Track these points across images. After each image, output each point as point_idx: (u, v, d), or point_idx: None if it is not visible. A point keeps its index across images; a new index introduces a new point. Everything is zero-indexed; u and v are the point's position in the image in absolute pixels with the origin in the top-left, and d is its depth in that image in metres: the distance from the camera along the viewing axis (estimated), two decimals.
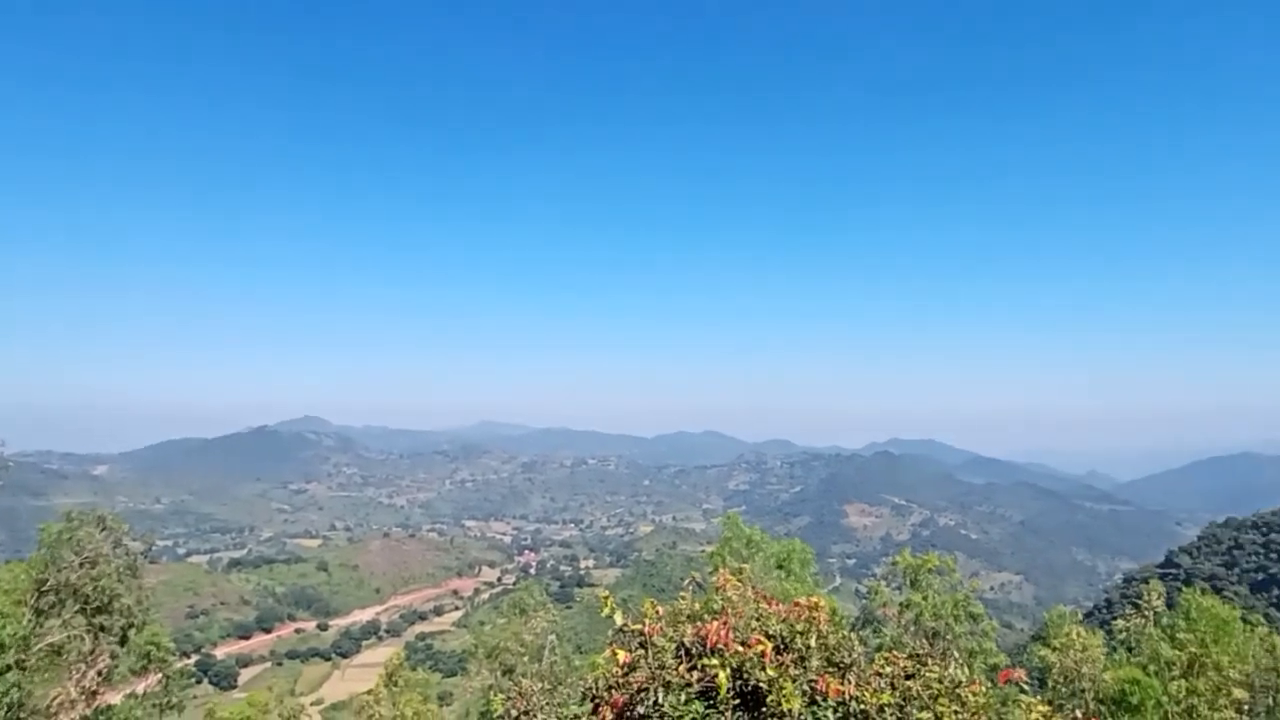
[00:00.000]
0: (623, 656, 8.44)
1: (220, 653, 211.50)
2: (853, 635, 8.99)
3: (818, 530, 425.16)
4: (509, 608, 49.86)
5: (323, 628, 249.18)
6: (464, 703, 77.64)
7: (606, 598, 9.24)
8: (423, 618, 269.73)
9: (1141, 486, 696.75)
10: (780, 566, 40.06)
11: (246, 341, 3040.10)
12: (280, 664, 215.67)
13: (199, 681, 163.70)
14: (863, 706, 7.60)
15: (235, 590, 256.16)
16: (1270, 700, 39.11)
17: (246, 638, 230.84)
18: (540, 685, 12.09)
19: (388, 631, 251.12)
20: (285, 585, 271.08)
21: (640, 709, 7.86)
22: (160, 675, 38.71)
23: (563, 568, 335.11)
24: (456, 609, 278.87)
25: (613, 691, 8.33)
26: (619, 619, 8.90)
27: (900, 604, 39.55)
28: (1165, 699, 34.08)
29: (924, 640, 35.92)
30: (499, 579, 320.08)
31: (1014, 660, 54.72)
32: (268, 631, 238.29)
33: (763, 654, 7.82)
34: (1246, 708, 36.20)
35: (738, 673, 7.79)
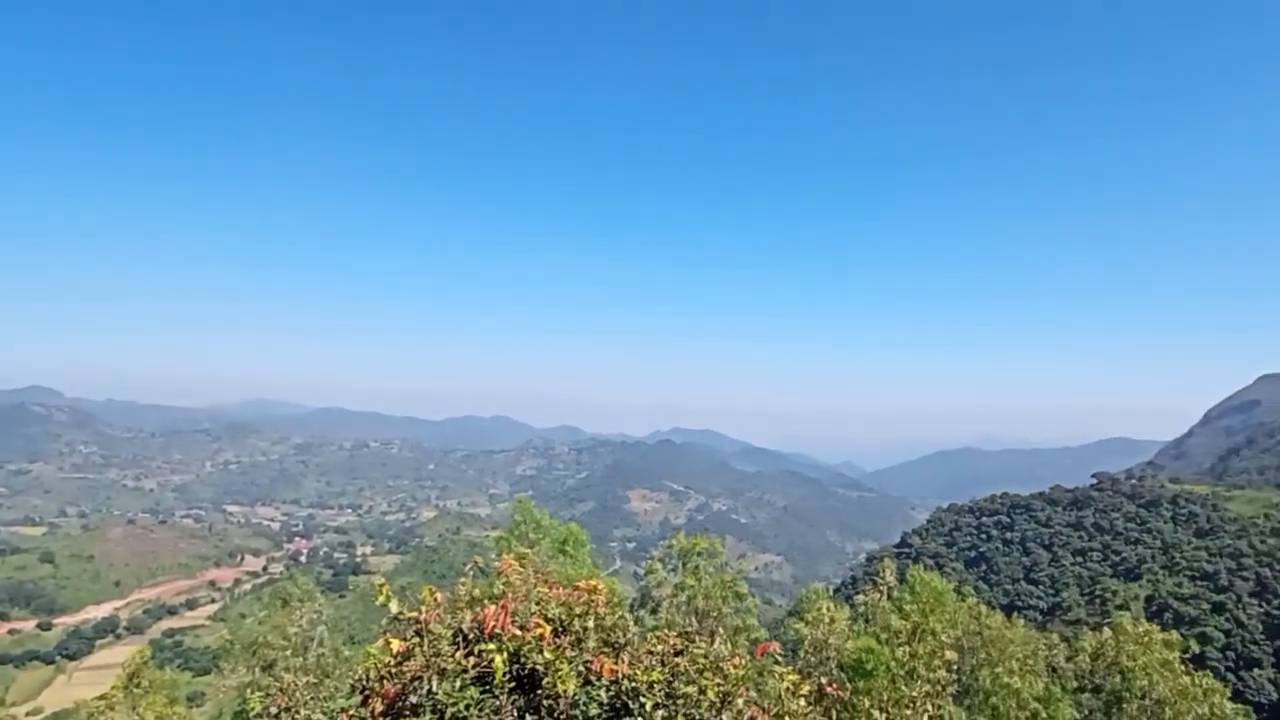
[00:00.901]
0: (396, 645, 8.26)
1: None
2: (629, 616, 9.40)
3: (601, 515, 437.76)
4: (271, 598, 46.71)
5: (45, 627, 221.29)
6: (217, 703, 71.77)
7: (383, 585, 9.01)
8: (172, 612, 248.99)
9: (885, 476, 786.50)
10: (561, 550, 40.85)
11: None
12: None
13: None
14: (634, 684, 7.98)
15: None
16: (974, 660, 45.74)
17: None
18: (304, 679, 11.47)
19: (128, 629, 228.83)
20: None
21: (414, 698, 7.74)
22: None
23: (337, 555, 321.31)
24: (213, 602, 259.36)
25: (384, 682, 8.13)
26: (395, 607, 8.70)
27: (675, 585, 41.70)
28: (893, 663, 38.62)
29: (694, 619, 38.26)
30: (264, 568, 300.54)
31: (773, 634, 59.45)
32: None
33: (541, 637, 7.97)
34: (955, 666, 42.01)
35: (515, 657, 7.88)
